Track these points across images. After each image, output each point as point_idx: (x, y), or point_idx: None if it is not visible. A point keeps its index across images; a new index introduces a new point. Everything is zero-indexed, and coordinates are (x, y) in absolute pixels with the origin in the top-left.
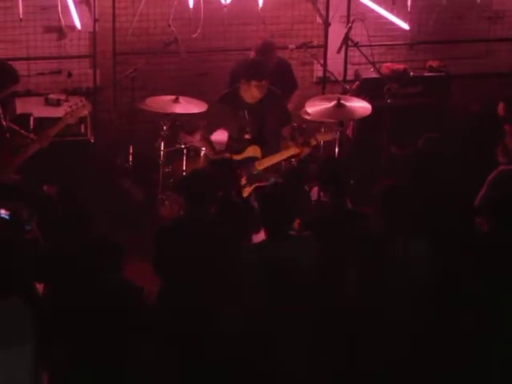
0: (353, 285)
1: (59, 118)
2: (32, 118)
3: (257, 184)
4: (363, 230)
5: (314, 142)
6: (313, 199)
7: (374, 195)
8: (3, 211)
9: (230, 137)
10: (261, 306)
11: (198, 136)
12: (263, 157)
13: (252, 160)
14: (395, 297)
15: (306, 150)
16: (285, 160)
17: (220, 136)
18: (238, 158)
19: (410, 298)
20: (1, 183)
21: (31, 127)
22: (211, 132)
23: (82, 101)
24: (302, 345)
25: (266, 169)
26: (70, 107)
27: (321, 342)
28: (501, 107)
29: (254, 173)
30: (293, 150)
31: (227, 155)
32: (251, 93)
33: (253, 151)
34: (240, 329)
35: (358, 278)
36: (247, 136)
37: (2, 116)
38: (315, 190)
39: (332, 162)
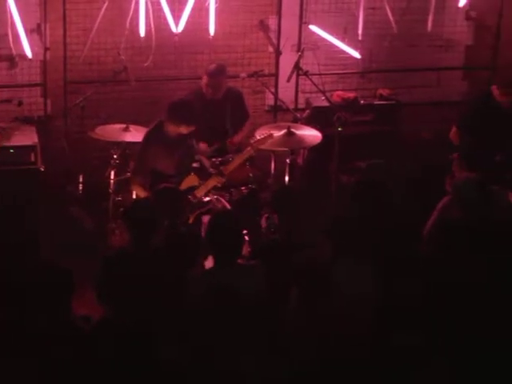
0: (294, 310)
1: None
2: None
3: (198, 211)
4: (308, 257)
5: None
6: (263, 227)
7: (322, 224)
8: None
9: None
10: (207, 332)
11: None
12: (200, 184)
13: (190, 190)
14: (340, 320)
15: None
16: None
17: None
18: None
19: (355, 320)
20: None
21: None
22: (143, 172)
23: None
24: (249, 370)
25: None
26: None
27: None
28: (453, 133)
29: (194, 201)
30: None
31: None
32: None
33: (190, 181)
34: (186, 356)
35: (302, 304)
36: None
37: None
38: (265, 217)
39: (284, 191)
